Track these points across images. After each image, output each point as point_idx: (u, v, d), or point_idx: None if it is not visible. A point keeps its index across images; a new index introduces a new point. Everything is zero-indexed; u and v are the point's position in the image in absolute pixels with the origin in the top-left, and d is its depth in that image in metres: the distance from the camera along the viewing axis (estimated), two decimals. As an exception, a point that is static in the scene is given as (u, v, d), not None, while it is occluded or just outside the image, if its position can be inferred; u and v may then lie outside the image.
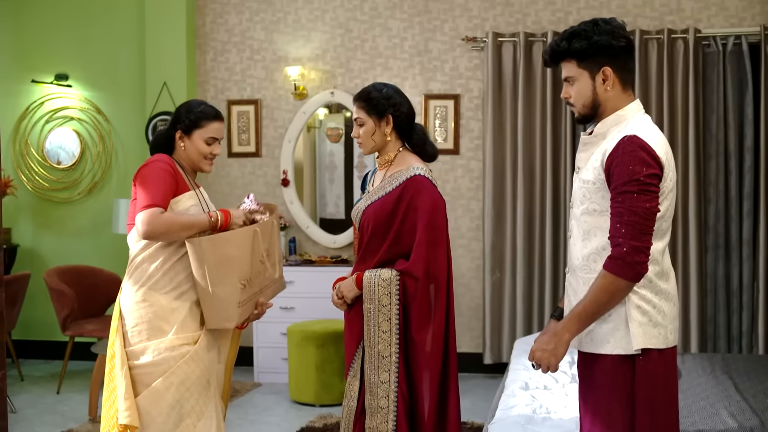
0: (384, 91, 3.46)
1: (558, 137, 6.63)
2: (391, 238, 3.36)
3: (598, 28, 2.70)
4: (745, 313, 6.39)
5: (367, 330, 3.36)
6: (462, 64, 6.90)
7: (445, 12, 6.90)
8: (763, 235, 6.27)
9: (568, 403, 4.02)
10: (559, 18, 6.71)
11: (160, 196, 3.18)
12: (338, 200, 7.46)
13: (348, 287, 3.41)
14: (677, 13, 6.56)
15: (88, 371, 6.79)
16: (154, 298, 3.24)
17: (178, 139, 3.37)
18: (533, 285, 6.70)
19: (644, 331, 2.60)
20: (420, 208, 3.33)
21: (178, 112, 3.41)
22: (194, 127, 3.36)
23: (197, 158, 3.39)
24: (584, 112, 2.76)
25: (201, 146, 3.37)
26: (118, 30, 7.30)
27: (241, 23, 7.20)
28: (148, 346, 3.23)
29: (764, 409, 3.98)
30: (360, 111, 3.45)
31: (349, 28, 7.05)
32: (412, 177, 3.39)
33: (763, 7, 6.45)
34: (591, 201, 2.67)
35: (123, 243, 7.06)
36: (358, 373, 3.41)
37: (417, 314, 3.30)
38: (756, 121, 6.34)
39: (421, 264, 3.29)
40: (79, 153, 7.38)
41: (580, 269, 2.71)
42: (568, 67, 2.75)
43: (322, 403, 5.99)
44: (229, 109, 7.21)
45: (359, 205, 3.52)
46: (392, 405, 3.30)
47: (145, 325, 3.24)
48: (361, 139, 3.46)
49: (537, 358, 2.67)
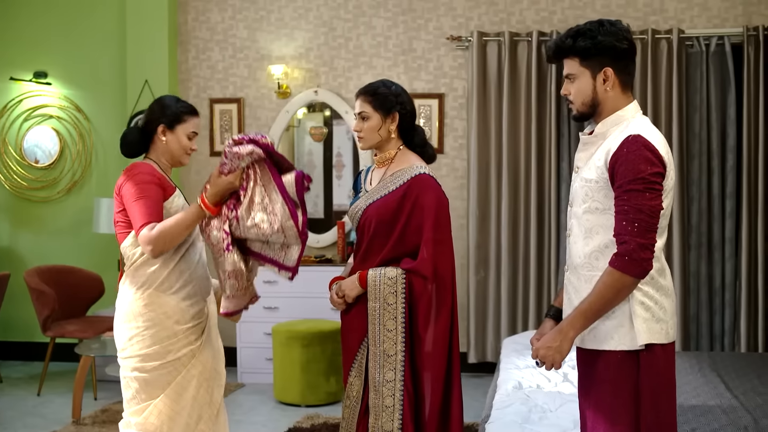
0: (393, 88, 3.46)
1: (542, 137, 6.65)
2: (396, 236, 3.34)
3: (603, 28, 2.72)
4: (728, 311, 6.44)
5: (372, 329, 3.33)
6: (446, 63, 6.89)
7: (429, 11, 6.89)
8: (745, 234, 6.33)
9: (563, 402, 4.02)
10: (544, 18, 6.72)
11: (155, 211, 3.17)
12: (317, 199, 7.42)
13: (350, 286, 3.38)
14: (660, 13, 6.60)
15: (70, 372, 6.73)
16: (162, 300, 3.24)
17: (160, 134, 3.34)
18: (518, 284, 6.71)
19: (648, 326, 2.64)
20: (426, 207, 3.32)
21: (157, 107, 3.39)
22: (177, 121, 3.35)
23: (179, 152, 3.38)
24: (582, 110, 2.79)
25: (183, 140, 3.36)
26: (99, 27, 7.22)
27: (223, 21, 7.15)
28: (165, 348, 3.23)
29: (756, 407, 4.00)
30: (366, 105, 3.43)
31: (332, 27, 7.02)
32: (417, 176, 3.38)
33: (745, 8, 6.50)
34: (593, 199, 2.70)
35: (104, 242, 7.07)
36: (362, 373, 3.38)
37: (424, 313, 3.29)
38: (738, 121, 6.39)
39: (429, 263, 3.28)
40: (59, 151, 7.29)
41: (582, 267, 2.73)
42: (570, 64, 2.77)
43: (307, 404, 5.95)
44: (211, 108, 7.16)
45: (358, 204, 3.49)
46: (398, 404, 3.28)
47: (157, 328, 3.22)
48: (363, 134, 3.44)
49: (542, 355, 2.69)
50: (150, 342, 3.22)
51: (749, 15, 6.49)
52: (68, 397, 5.95)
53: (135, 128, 3.42)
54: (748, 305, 6.33)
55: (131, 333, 3.25)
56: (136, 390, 3.27)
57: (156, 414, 3.24)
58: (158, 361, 3.23)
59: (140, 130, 3.39)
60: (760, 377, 4.59)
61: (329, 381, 5.99)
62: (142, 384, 3.25)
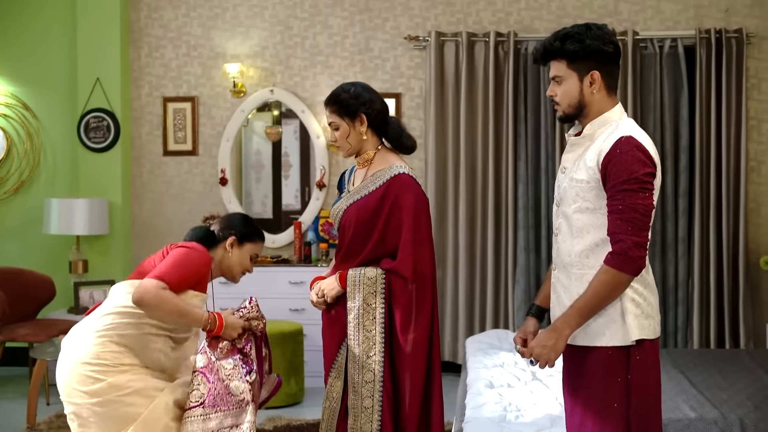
0: (352, 91, 3.43)
1: (500, 136, 6.69)
2: (376, 237, 3.33)
3: (590, 32, 2.77)
4: (681, 308, 6.56)
5: (351, 329, 3.31)
6: (403, 63, 6.89)
7: (386, 10, 6.88)
8: (698, 233, 6.45)
9: (536, 400, 4.04)
10: (500, 18, 6.77)
11: (178, 280, 3.11)
12: (265, 199, 7.36)
13: (330, 285, 3.35)
14: (615, 15, 6.69)
15: (19, 377, 6.57)
16: (118, 360, 3.13)
17: (228, 246, 3.38)
18: (475, 283, 6.74)
19: (639, 322, 2.70)
20: (405, 207, 3.31)
21: (236, 220, 3.46)
22: (249, 240, 3.43)
23: (237, 269, 3.45)
24: (569, 111, 2.83)
25: (245, 260, 3.44)
26: (48, 23, 7.05)
27: (177, 18, 7.04)
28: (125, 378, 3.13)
29: (721, 402, 4.08)
30: (332, 115, 3.42)
31: (288, 26, 6.96)
32: (395, 176, 3.36)
33: (697, 11, 6.63)
34: (584, 199, 2.74)
35: (54, 243, 6.91)
36: (341, 374, 3.36)
37: (404, 314, 3.27)
38: (691, 122, 6.51)
39: (408, 263, 3.26)
40: (5, 150, 7.09)
41: (572, 266, 2.77)
42: (558, 66, 2.82)
43: (268, 406, 5.87)
44: (165, 107, 7.04)
45: (339, 205, 3.47)
46: (377, 405, 3.26)
47: (109, 367, 3.12)
48: (338, 143, 3.43)
49: (536, 354, 2.71)
50: (104, 376, 3.11)
51: (701, 18, 6.62)
52: (20, 403, 5.80)
53: (205, 228, 3.44)
54: (700, 302, 6.46)
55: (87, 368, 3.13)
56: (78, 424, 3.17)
57: None
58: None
59: (210, 233, 3.41)
60: (720, 372, 4.67)
61: (290, 382, 5.93)
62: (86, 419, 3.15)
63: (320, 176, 6.94)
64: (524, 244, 6.64)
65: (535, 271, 6.69)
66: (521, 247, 6.64)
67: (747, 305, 6.46)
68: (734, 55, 6.47)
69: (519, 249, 6.64)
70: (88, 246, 6.87)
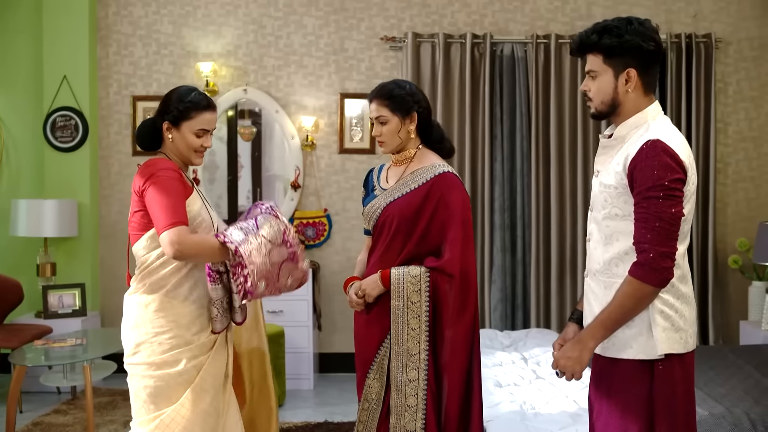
0: (408, 88, 3.41)
1: (476, 138, 6.73)
2: (418, 234, 3.31)
3: (631, 27, 2.63)
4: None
5: (395, 327, 3.29)
6: (378, 64, 6.88)
7: (361, 11, 6.87)
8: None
9: (548, 398, 4.08)
10: (475, 20, 6.82)
11: (181, 211, 2.97)
12: (220, 200, 7.27)
13: (372, 285, 3.32)
14: (587, 19, 6.78)
15: (-11, 384, 6.36)
16: (173, 306, 3.07)
17: (165, 131, 3.14)
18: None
19: (667, 336, 2.59)
20: (452, 205, 3.30)
21: (167, 100, 3.17)
22: (183, 118, 3.12)
23: (187, 151, 3.17)
24: (601, 109, 2.71)
25: (190, 139, 3.14)
26: (13, 19, 6.83)
27: (146, 16, 6.90)
28: (175, 356, 3.06)
29: (723, 396, 4.17)
30: (383, 109, 3.38)
31: (262, 24, 6.89)
32: (440, 174, 3.35)
33: (667, 16, 6.78)
34: (613, 206, 2.65)
35: (21, 245, 6.69)
36: (381, 374, 3.33)
37: (450, 311, 3.26)
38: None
39: (456, 261, 3.26)
40: (-34, 150, 6.86)
41: (602, 273, 2.69)
42: (593, 60, 2.69)
43: (251, 409, 5.80)
44: (134, 105, 6.89)
45: (377, 203, 3.43)
46: (421, 403, 3.24)
47: (168, 335, 3.06)
48: (384, 138, 3.39)
49: (562, 366, 2.65)
50: (160, 350, 3.06)
51: (671, 23, 6.78)
52: None
53: (149, 121, 3.22)
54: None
55: (140, 339, 3.08)
56: (144, 400, 3.10)
57: (164, 427, 3.08)
58: (168, 370, 3.07)
59: (152, 124, 3.20)
60: (712, 369, 4.78)
61: (273, 385, 5.87)
62: (151, 394, 3.09)
63: (295, 177, 6.88)
64: (500, 244, 6.69)
65: (511, 271, 6.76)
66: (498, 248, 6.70)
67: (716, 304, 6.63)
68: (703, 60, 6.64)
69: (495, 249, 6.69)
70: (55, 248, 6.68)
